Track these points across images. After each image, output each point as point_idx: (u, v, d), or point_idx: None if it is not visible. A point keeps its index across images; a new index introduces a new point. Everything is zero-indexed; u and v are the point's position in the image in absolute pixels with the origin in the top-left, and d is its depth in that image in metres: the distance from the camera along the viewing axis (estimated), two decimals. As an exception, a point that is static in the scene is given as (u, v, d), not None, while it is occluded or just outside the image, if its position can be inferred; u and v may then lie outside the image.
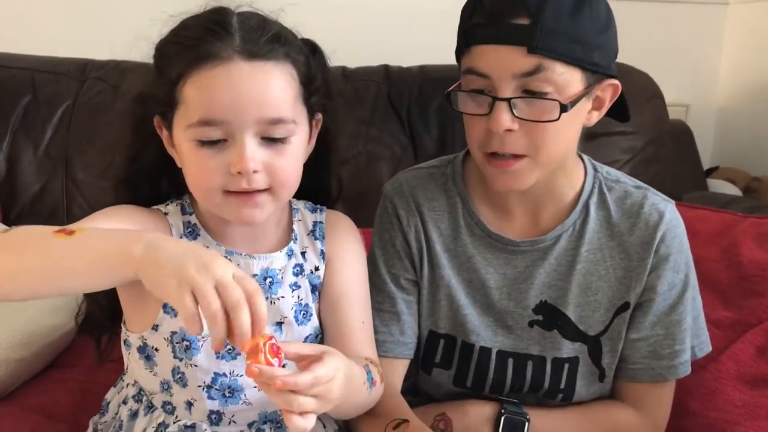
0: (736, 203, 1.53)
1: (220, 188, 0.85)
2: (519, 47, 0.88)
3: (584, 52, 0.90)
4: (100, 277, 0.75)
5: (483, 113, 0.92)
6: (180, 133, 0.86)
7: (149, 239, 0.73)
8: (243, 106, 0.82)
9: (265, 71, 0.83)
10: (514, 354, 1.05)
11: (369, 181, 1.60)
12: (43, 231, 0.76)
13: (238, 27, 0.84)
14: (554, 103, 0.89)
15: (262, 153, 0.84)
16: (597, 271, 1.03)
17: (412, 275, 1.07)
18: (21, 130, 1.61)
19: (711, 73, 2.07)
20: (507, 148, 0.93)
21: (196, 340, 0.90)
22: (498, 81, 0.90)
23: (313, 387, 0.73)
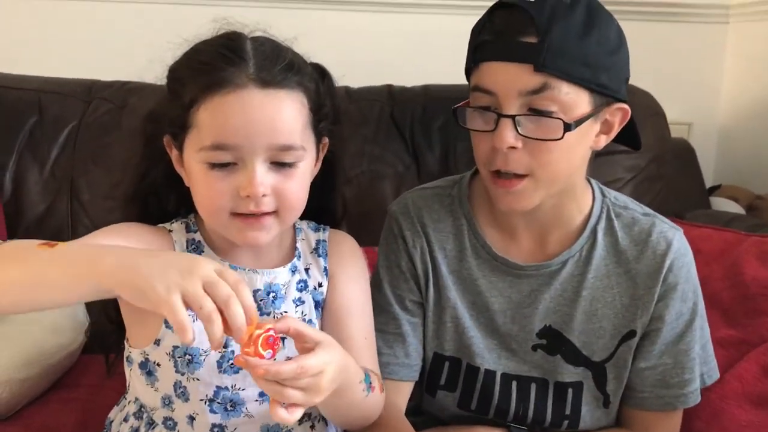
0: (739, 221, 1.52)
1: (227, 210, 0.87)
2: (525, 65, 0.89)
3: (591, 74, 0.90)
4: (71, 289, 0.74)
5: (489, 130, 0.93)
6: (191, 154, 0.87)
7: (122, 252, 0.74)
8: (255, 132, 0.84)
9: (277, 99, 0.85)
10: (518, 377, 1.05)
11: (372, 200, 1.60)
12: (28, 244, 0.77)
13: (252, 54, 0.86)
14: (558, 122, 0.89)
15: (271, 177, 0.86)
16: (603, 297, 1.03)
17: (417, 297, 1.07)
18: (27, 150, 1.62)
19: (713, 92, 2.07)
20: (510, 166, 0.93)
21: (198, 354, 0.90)
22: (504, 98, 0.91)
23: (299, 378, 0.73)
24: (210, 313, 0.68)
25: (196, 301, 0.68)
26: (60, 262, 0.74)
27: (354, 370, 0.86)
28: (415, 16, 1.98)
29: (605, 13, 0.94)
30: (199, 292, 0.68)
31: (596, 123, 0.96)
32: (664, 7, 1.99)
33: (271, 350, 0.73)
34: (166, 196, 0.98)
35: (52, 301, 0.78)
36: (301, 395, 0.74)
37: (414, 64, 1.87)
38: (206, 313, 0.68)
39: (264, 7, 1.90)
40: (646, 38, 1.94)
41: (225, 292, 0.69)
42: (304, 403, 0.75)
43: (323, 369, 0.76)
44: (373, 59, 1.88)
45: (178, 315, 0.67)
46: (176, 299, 0.68)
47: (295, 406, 0.75)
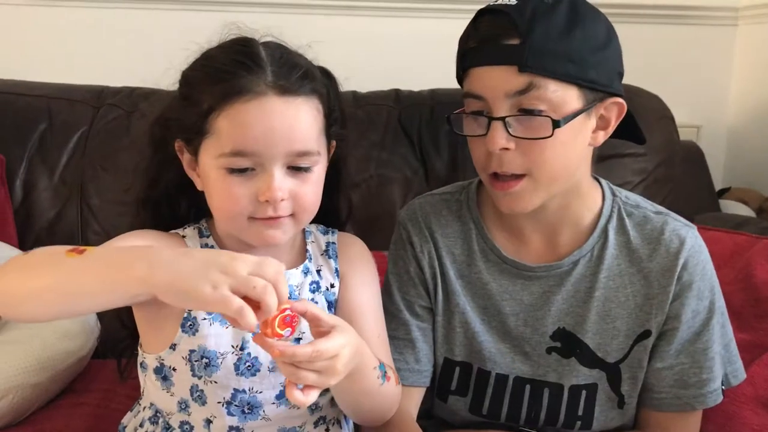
0: (749, 224, 1.52)
1: (246, 214, 0.88)
2: (510, 67, 0.90)
3: (578, 70, 0.91)
4: (106, 295, 0.75)
5: (482, 134, 0.94)
6: (208, 160, 0.88)
7: (155, 254, 0.74)
8: (274, 139, 0.85)
9: (295, 106, 0.87)
10: (531, 381, 1.04)
11: (380, 204, 1.61)
12: (57, 251, 0.77)
13: (268, 60, 0.87)
14: (547, 120, 0.90)
15: (289, 182, 0.88)
16: (616, 297, 1.02)
17: (426, 302, 1.07)
18: (37, 156, 1.63)
19: (722, 94, 2.07)
20: (505, 168, 0.94)
21: (215, 357, 0.91)
22: (492, 101, 0.92)
23: (314, 360, 0.75)
24: (264, 287, 0.70)
25: (248, 283, 0.69)
26: (93, 268, 0.74)
27: (368, 355, 0.87)
28: (422, 21, 1.98)
29: (591, 10, 0.95)
30: (248, 277, 0.70)
31: (590, 119, 0.96)
32: (673, 10, 1.98)
33: (290, 328, 0.75)
34: (177, 200, 0.99)
35: (85, 309, 0.79)
36: (316, 377, 0.76)
37: (421, 68, 1.86)
38: (261, 289, 0.69)
39: (272, 12, 1.91)
40: (655, 41, 1.94)
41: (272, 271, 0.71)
42: (319, 385, 0.76)
43: (338, 352, 0.77)
44: (380, 63, 1.89)
45: (233, 306, 0.68)
46: (226, 293, 0.69)
47: (311, 388, 0.76)
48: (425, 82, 1.76)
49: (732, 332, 1.07)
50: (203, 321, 0.91)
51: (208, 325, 0.91)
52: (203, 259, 0.72)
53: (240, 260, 0.71)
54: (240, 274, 0.70)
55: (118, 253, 0.78)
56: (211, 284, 0.69)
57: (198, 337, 0.91)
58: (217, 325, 0.92)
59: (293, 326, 0.75)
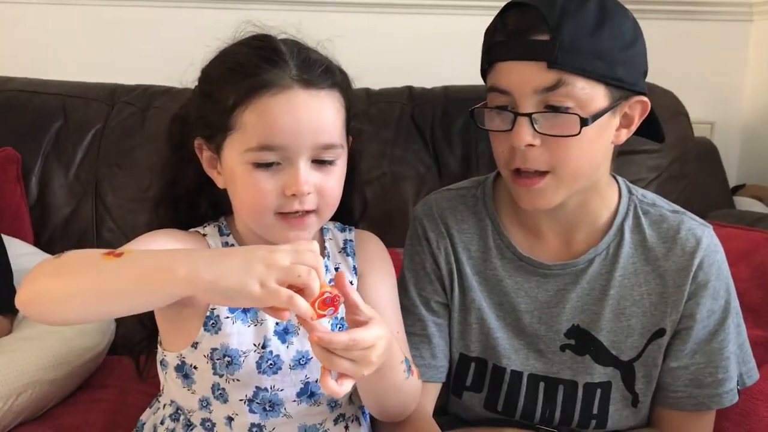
0: (764, 221, 1.51)
1: (273, 209, 0.88)
2: (539, 63, 0.89)
3: (606, 68, 0.90)
4: (147, 298, 0.76)
5: (506, 129, 0.93)
6: (234, 156, 0.88)
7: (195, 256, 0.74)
8: (301, 132, 0.86)
9: (320, 99, 0.87)
10: (546, 378, 1.04)
11: (394, 201, 1.61)
12: (92, 254, 0.77)
13: (290, 55, 0.87)
14: (575, 117, 0.89)
15: (314, 176, 0.88)
16: (631, 296, 1.02)
17: (442, 298, 1.07)
18: (52, 154, 1.64)
19: (736, 90, 2.05)
20: (529, 164, 0.93)
21: (237, 356, 0.91)
22: (519, 97, 0.91)
23: (350, 349, 0.75)
24: (308, 273, 0.71)
25: (292, 272, 0.71)
26: (133, 271, 0.74)
27: (396, 350, 0.88)
28: (434, 17, 1.98)
29: (619, 7, 0.94)
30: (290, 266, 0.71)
31: (615, 117, 0.95)
32: (687, 6, 1.97)
33: (332, 308, 0.76)
34: (196, 199, 0.99)
35: (121, 311, 0.79)
36: (350, 366, 0.76)
37: (434, 65, 1.87)
38: (305, 276, 0.71)
39: (285, 10, 1.91)
40: (669, 37, 1.93)
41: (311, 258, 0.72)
42: (353, 373, 0.77)
43: (375, 343, 0.77)
44: (393, 61, 1.89)
45: (282, 297, 0.70)
46: (273, 287, 0.70)
47: (345, 378, 0.77)
48: (438, 79, 1.76)
49: (746, 332, 1.06)
50: (226, 319, 0.91)
51: (230, 324, 0.91)
52: (244, 256, 0.72)
53: (278, 251, 0.72)
54: (283, 264, 0.71)
55: (157, 255, 0.78)
56: (258, 280, 0.70)
57: (221, 336, 0.91)
58: (240, 323, 0.92)
59: (336, 305, 0.76)
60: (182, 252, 0.80)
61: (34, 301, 0.77)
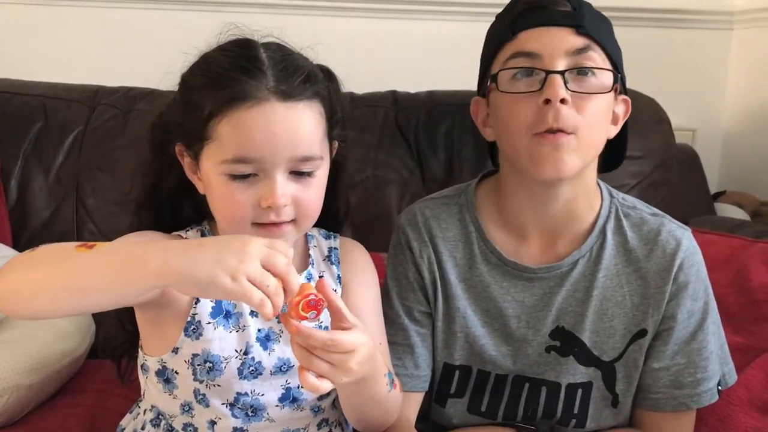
0: (744, 228, 1.52)
1: (248, 220, 0.87)
2: (567, 28, 0.95)
3: (614, 51, 0.99)
4: (119, 290, 0.75)
5: (535, 89, 0.94)
6: (210, 166, 0.87)
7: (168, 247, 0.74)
8: (277, 145, 0.84)
9: (298, 111, 0.86)
10: (530, 379, 1.05)
11: (377, 205, 1.60)
12: (65, 247, 0.77)
13: (269, 64, 0.86)
14: (607, 74, 0.95)
15: (291, 187, 0.87)
16: (614, 297, 1.03)
17: (425, 307, 1.07)
18: (32, 155, 1.62)
19: (717, 98, 2.07)
20: (561, 122, 0.93)
21: (219, 362, 0.90)
22: (549, 58, 0.94)
23: (329, 350, 0.75)
24: (276, 288, 0.71)
25: (263, 282, 0.70)
26: (105, 262, 0.74)
27: (380, 362, 0.87)
28: (419, 22, 1.98)
29: None
30: (262, 272, 0.71)
31: (613, 105, 1.00)
32: (669, 14, 1.99)
33: (315, 311, 0.76)
34: (178, 203, 0.99)
35: (95, 304, 0.78)
36: (328, 368, 0.76)
37: (418, 70, 1.87)
38: (273, 290, 0.71)
39: (270, 13, 1.91)
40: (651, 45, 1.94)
41: (282, 263, 0.72)
42: (331, 377, 0.77)
43: (355, 348, 0.77)
44: (377, 65, 1.89)
45: (255, 298, 0.70)
46: (246, 285, 0.70)
47: (324, 379, 0.76)
48: (422, 84, 1.76)
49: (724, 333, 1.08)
50: (207, 325, 0.91)
51: (212, 329, 0.91)
52: (217, 247, 0.72)
53: (252, 245, 0.72)
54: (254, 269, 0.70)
55: (129, 247, 0.78)
56: (230, 274, 0.69)
57: (202, 341, 0.90)
58: (221, 329, 0.91)
59: (319, 309, 0.76)
60: (155, 244, 0.79)
61: (6, 295, 0.76)
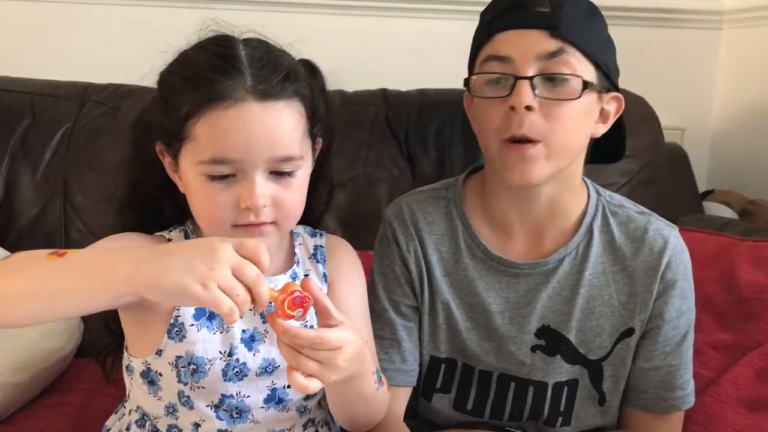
0: (732, 226, 1.53)
1: (228, 221, 0.86)
2: (542, 31, 0.93)
3: (598, 51, 0.95)
4: (90, 298, 0.74)
5: (504, 95, 0.94)
6: (188, 166, 0.87)
7: (138, 254, 0.73)
8: (255, 146, 0.83)
9: (276, 111, 0.85)
10: (516, 378, 1.05)
11: (367, 203, 1.60)
12: (37, 255, 0.76)
13: (247, 63, 0.84)
14: (577, 80, 0.92)
15: (270, 187, 0.86)
16: (600, 295, 1.03)
17: (412, 301, 1.07)
18: (20, 152, 1.61)
19: (706, 97, 2.08)
20: (525, 129, 0.93)
21: (203, 364, 0.90)
22: (520, 62, 0.93)
23: (316, 348, 0.75)
24: (245, 297, 0.70)
25: (232, 290, 0.69)
26: (75, 271, 0.73)
27: (369, 360, 0.87)
28: (410, 20, 1.98)
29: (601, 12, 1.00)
30: (232, 281, 0.70)
31: (598, 105, 0.98)
32: (658, 13, 2.00)
33: (301, 309, 0.75)
34: (160, 202, 0.98)
35: (69, 312, 0.77)
36: (316, 367, 0.75)
37: (409, 68, 1.86)
38: (242, 300, 0.70)
39: (258, 10, 1.90)
40: (640, 44, 1.95)
41: (252, 273, 0.71)
42: (320, 376, 0.76)
43: (342, 345, 0.77)
44: (367, 63, 1.89)
45: (224, 306, 0.69)
46: (216, 292, 0.69)
47: (313, 378, 0.76)
48: (413, 82, 1.76)
49: None
50: (191, 327, 0.90)
51: (195, 331, 0.90)
52: (186, 254, 0.71)
53: (222, 251, 0.70)
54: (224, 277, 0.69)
55: (100, 254, 0.77)
56: (200, 282, 0.68)
57: (185, 344, 0.90)
58: (205, 330, 0.91)
59: (305, 307, 0.75)
60: (126, 251, 0.78)
61: None
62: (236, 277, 0.70)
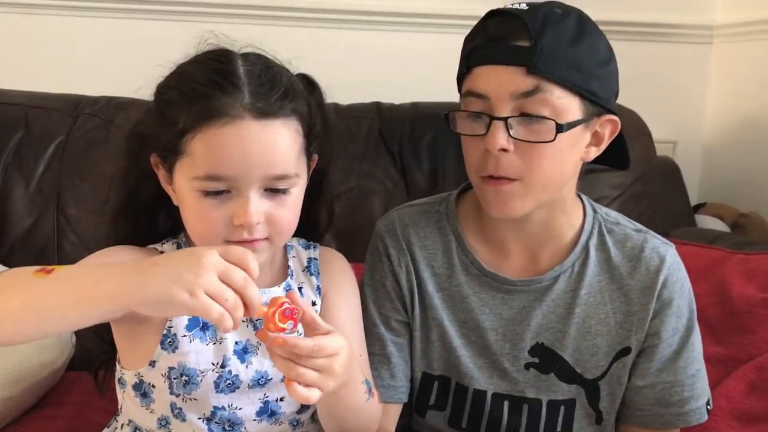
0: (724, 239, 1.54)
1: (221, 237, 0.86)
2: (518, 68, 0.89)
3: (582, 80, 0.91)
4: (80, 314, 0.73)
5: (481, 133, 0.92)
6: (183, 181, 0.86)
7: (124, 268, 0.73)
8: (251, 164, 0.83)
9: (273, 129, 0.84)
10: (510, 397, 1.04)
11: (361, 216, 1.60)
12: (24, 272, 0.75)
13: (246, 79, 0.84)
14: (550, 123, 0.89)
15: (265, 204, 0.86)
16: (596, 314, 1.02)
17: (403, 316, 1.06)
18: (13, 165, 1.60)
19: (697, 111, 2.10)
20: (502, 170, 0.92)
21: (195, 375, 0.89)
22: (496, 100, 0.91)
23: (315, 356, 0.74)
24: (235, 302, 0.69)
25: (221, 296, 0.69)
26: (63, 287, 0.73)
27: (357, 369, 0.86)
28: (403, 34, 1.99)
29: (595, 26, 0.96)
30: (220, 286, 0.69)
31: (587, 132, 0.96)
32: (649, 28, 2.02)
33: (291, 321, 0.75)
34: (154, 213, 0.98)
35: (58, 329, 0.77)
36: (316, 376, 0.75)
37: (402, 82, 1.87)
38: (232, 304, 0.69)
39: (254, 24, 1.91)
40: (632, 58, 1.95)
41: (240, 277, 0.70)
42: (318, 385, 0.75)
43: (338, 351, 0.76)
44: (361, 76, 1.89)
45: (213, 312, 0.68)
46: (204, 299, 0.68)
47: (312, 387, 0.75)
48: (406, 95, 1.77)
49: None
50: (183, 338, 0.90)
51: (188, 342, 0.90)
52: (170, 264, 0.71)
53: (207, 258, 0.70)
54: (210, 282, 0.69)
55: (86, 270, 0.77)
56: (187, 290, 0.68)
57: (178, 355, 0.89)
58: (198, 341, 0.90)
59: (294, 318, 0.75)
60: (113, 265, 0.78)
61: None
62: (224, 283, 0.70)
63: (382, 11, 1.96)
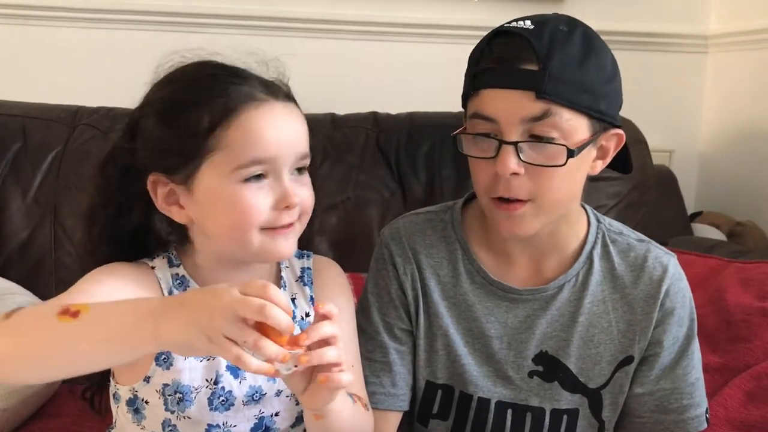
0: (720, 248, 1.54)
1: (260, 225, 0.86)
2: (527, 92, 0.88)
3: (591, 100, 0.91)
4: (111, 358, 0.76)
5: (489, 156, 0.92)
6: (217, 178, 0.85)
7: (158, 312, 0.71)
8: (285, 143, 0.87)
9: (294, 109, 0.90)
10: (513, 405, 1.04)
11: (358, 226, 1.61)
12: (46, 314, 0.74)
13: (249, 72, 0.89)
14: (561, 148, 0.89)
15: (295, 186, 0.88)
16: (600, 323, 1.02)
17: (406, 325, 1.06)
18: (10, 176, 1.61)
19: (693, 120, 2.11)
20: (513, 192, 0.92)
21: (189, 392, 0.89)
22: (505, 125, 0.90)
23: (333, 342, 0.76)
24: (255, 341, 0.67)
25: (239, 338, 0.67)
26: (95, 334, 0.72)
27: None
28: (400, 44, 2.00)
29: (600, 41, 0.95)
30: (236, 328, 0.67)
31: (594, 149, 0.96)
32: (645, 37, 2.03)
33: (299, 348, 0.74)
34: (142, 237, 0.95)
35: (85, 371, 0.77)
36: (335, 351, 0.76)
37: (399, 92, 1.88)
38: (252, 344, 0.67)
39: (250, 35, 1.91)
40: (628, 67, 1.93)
41: (256, 304, 0.67)
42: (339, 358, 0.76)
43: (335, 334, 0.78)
44: (358, 86, 1.90)
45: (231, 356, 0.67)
46: (222, 342, 0.67)
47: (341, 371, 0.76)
48: (403, 106, 1.77)
49: None
50: (178, 355, 0.89)
51: (182, 359, 0.89)
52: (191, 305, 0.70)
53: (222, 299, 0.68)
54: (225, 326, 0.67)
55: (118, 314, 0.74)
56: (205, 335, 0.67)
57: (172, 371, 0.89)
58: (192, 358, 0.90)
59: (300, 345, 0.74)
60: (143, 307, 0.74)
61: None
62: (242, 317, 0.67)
63: (380, 22, 1.97)
